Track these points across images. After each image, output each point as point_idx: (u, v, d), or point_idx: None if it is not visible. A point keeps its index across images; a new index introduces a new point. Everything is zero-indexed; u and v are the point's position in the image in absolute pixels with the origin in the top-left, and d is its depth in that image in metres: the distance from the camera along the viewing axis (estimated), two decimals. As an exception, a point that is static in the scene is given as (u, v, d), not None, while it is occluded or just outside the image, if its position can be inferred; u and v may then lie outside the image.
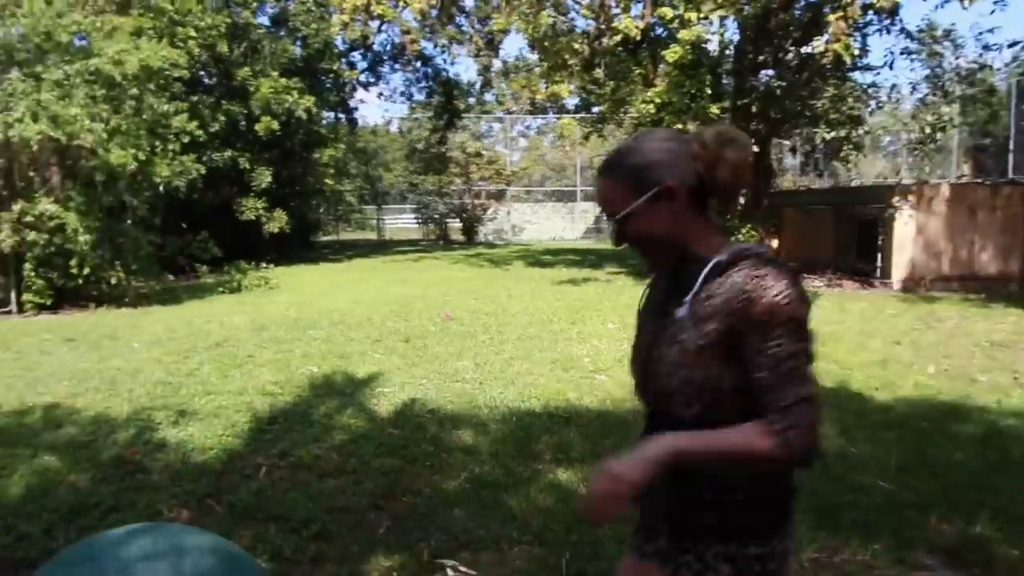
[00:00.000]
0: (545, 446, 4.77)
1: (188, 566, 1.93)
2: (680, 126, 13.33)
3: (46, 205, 10.59)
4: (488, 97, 35.67)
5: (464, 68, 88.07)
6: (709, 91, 13.13)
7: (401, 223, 34.42)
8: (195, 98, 15.98)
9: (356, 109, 25.45)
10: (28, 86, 10.17)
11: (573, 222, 30.64)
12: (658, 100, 13.27)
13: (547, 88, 17.63)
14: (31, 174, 11.27)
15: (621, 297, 11.40)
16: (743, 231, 13.35)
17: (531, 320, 9.41)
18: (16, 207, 10.55)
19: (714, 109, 13.13)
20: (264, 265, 15.33)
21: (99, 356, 7.61)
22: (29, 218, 10.56)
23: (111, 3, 12.76)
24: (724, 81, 14.87)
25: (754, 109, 14.16)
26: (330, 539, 3.56)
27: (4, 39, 10.46)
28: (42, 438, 4.96)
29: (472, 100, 33.92)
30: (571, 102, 28.03)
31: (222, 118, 16.90)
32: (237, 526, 3.67)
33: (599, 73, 16.09)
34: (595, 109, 21.39)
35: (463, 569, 3.27)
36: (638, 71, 14.77)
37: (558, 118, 32.14)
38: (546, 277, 14.68)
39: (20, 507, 3.84)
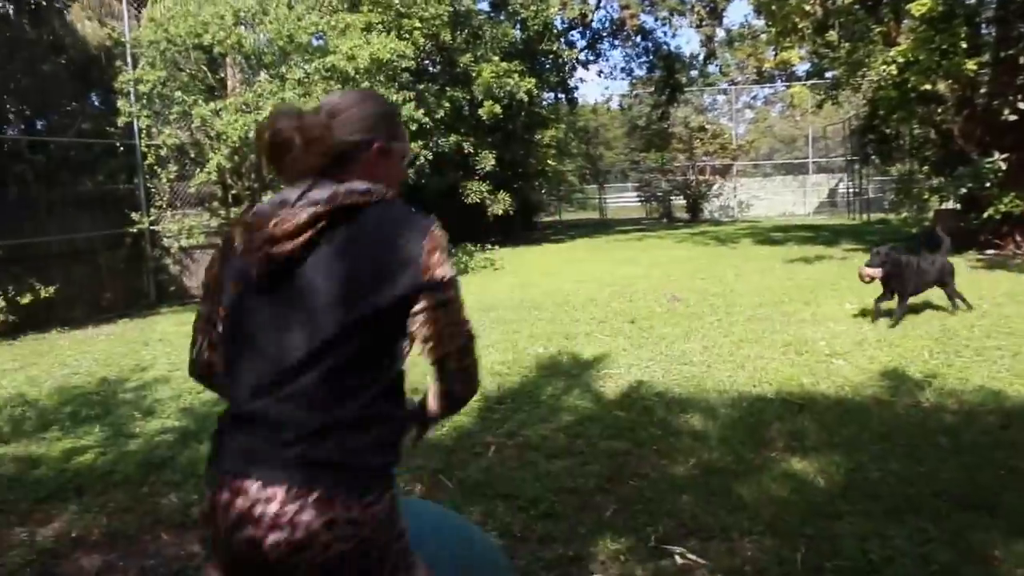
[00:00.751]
0: (777, 433, 4.54)
1: (427, 536, 2.00)
2: (928, 87, 12.15)
3: (290, 195, 11.57)
4: (712, 68, 34.62)
5: (686, 40, 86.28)
6: (964, 44, 11.76)
7: (623, 202, 34.30)
8: (421, 86, 16.72)
9: (576, 88, 25.80)
10: (274, 86, 11.12)
11: (804, 196, 28.98)
12: (902, 59, 12.12)
13: (775, 55, 16.80)
14: (277, 167, 12.34)
15: (860, 275, 10.62)
16: (1006, 200, 11.94)
17: (761, 301, 9.00)
18: (265, 198, 11.59)
19: (970, 65, 11.77)
20: (489, 247, 15.82)
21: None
22: (276, 208, 11.59)
23: (343, 1, 13.62)
24: (983, 31, 13.28)
25: (1022, 61, 12.55)
26: (557, 519, 3.58)
27: (254, 46, 11.50)
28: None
29: (694, 73, 33.04)
30: (801, 68, 26.55)
31: (446, 104, 17.56)
32: (467, 502, 3.79)
33: (833, 35, 15.02)
34: (829, 74, 20.10)
35: (691, 557, 3.18)
36: (878, 29, 13.61)
37: (787, 86, 30.61)
38: (776, 255, 14.00)
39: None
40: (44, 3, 11.15)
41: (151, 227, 11.59)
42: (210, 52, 11.60)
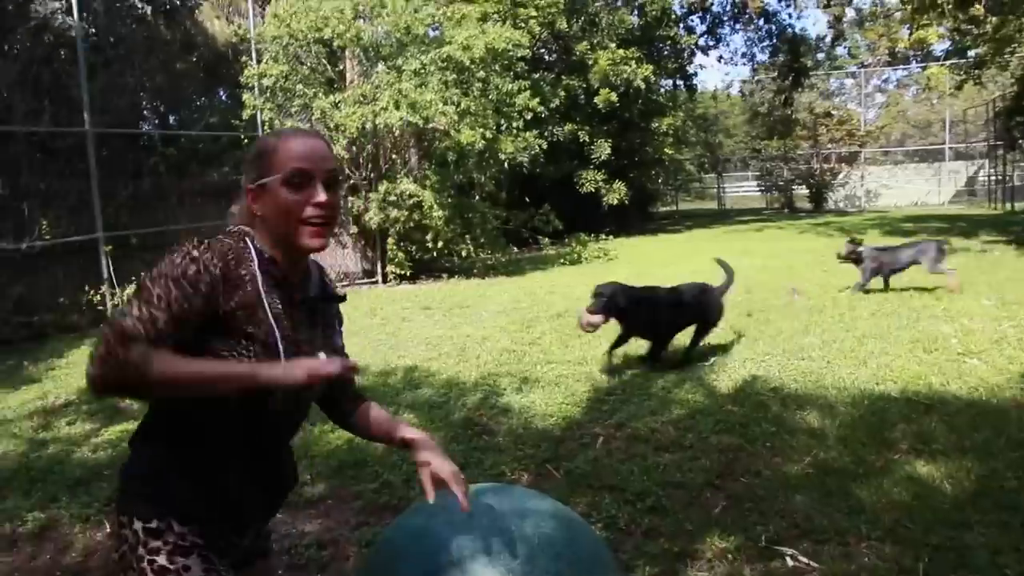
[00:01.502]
0: (902, 435, 4.30)
1: (530, 527, 1.99)
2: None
3: (406, 185, 11.77)
4: (840, 51, 33.22)
5: (812, 21, 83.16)
6: None
7: (743, 191, 33.45)
8: (536, 75, 16.66)
9: (695, 75, 25.10)
10: (391, 77, 11.34)
11: (939, 185, 27.41)
12: (1059, 32, 11.14)
13: (911, 34, 15.81)
14: (393, 157, 12.62)
15: (1001, 270, 9.96)
16: None
17: (887, 295, 8.57)
18: (382, 187, 11.85)
19: None
20: (603, 236, 15.67)
21: (451, 324, 8.29)
22: (392, 197, 11.81)
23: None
24: None
25: None
26: (664, 514, 3.51)
27: (372, 38, 11.75)
28: (403, 397, 5.50)
29: (821, 56, 31.78)
30: (940, 48, 25.08)
31: (562, 93, 17.46)
32: (574, 493, 3.77)
33: (978, 9, 14.00)
34: (971, 53, 18.84)
35: (803, 559, 3.05)
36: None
37: (923, 68, 28.98)
38: (906, 246, 13.27)
39: (386, 457, 4.29)
40: (178, 3, 11.75)
41: (273, 215, 12.06)
42: (330, 46, 11.94)
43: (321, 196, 1.58)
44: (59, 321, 9.26)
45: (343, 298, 1.83)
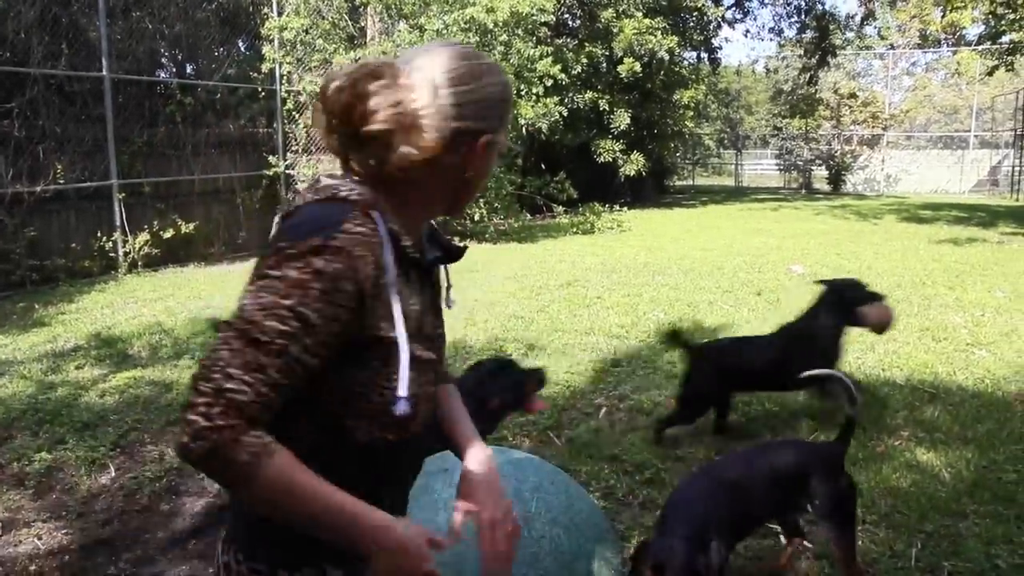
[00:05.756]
0: (904, 421, 4.30)
1: (528, 492, 2.02)
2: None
3: (423, 147, 11.66)
4: (869, 31, 32.56)
5: None
6: None
7: (761, 169, 33.22)
8: (559, 41, 16.42)
9: (720, 48, 24.62)
10: (413, 36, 11.23)
11: (962, 173, 27.03)
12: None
13: (943, 16, 15.52)
14: (415, 119, 12.49)
15: (1017, 262, 9.88)
16: None
17: (899, 282, 8.51)
18: (401, 151, 11.76)
19: None
20: (618, 207, 15.56)
21: (459, 287, 8.18)
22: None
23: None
24: None
25: None
26: (663, 486, 3.55)
27: None
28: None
29: (850, 35, 31.18)
30: (973, 31, 24.59)
31: (584, 60, 17.24)
32: (574, 461, 3.80)
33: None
34: (1006, 38, 18.45)
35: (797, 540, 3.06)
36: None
37: (954, 52, 28.52)
38: (922, 234, 13.18)
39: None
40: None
41: (287, 170, 12.02)
42: (352, 1, 11.81)
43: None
44: (71, 266, 9.31)
45: (463, 251, 1.46)
